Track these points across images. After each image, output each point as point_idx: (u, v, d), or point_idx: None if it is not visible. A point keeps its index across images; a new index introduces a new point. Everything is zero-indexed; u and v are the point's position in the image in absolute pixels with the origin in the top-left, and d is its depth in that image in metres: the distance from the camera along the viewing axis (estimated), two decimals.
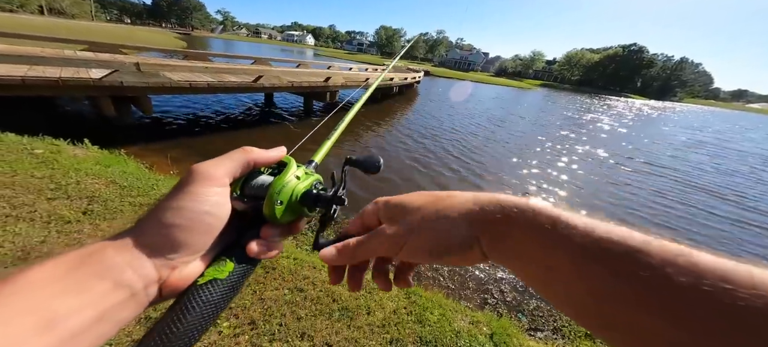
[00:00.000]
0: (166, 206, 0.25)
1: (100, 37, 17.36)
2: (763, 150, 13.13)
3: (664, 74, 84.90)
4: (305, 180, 0.33)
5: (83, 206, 2.16)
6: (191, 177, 0.27)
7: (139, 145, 4.45)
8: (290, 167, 0.33)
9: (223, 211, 0.28)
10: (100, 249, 0.23)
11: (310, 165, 0.40)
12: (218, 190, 0.27)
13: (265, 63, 7.47)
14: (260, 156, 0.32)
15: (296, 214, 0.32)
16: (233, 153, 0.30)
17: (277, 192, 0.30)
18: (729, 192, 6.27)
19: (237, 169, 0.30)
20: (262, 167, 0.33)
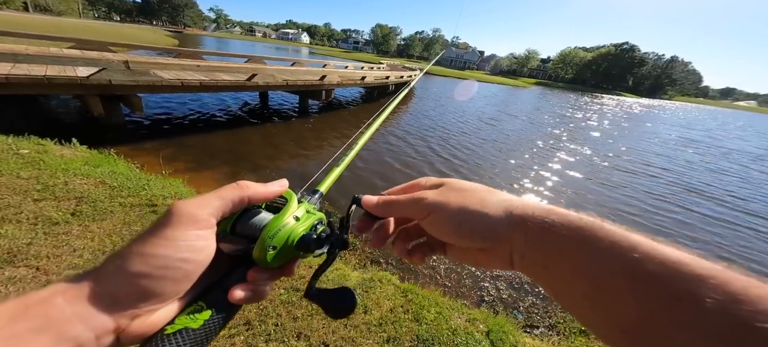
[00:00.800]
0: (134, 250, 0.23)
1: (88, 34, 16.94)
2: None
3: (655, 73, 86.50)
4: (305, 221, 0.30)
5: (71, 207, 2.11)
6: (169, 218, 0.24)
7: (130, 144, 4.36)
8: (289, 207, 0.29)
9: (204, 256, 0.25)
10: (49, 298, 0.20)
11: (315, 196, 0.36)
12: (200, 233, 0.25)
13: (260, 61, 7.38)
14: (257, 192, 0.29)
15: (289, 257, 0.29)
16: (225, 189, 0.28)
17: (270, 236, 0.27)
18: (720, 192, 6.41)
19: (227, 208, 0.27)
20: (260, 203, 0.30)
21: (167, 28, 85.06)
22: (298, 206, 0.30)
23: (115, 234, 1.97)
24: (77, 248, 1.77)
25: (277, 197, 0.31)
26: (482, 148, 7.14)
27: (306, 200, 0.34)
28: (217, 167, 4.16)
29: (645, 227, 4.07)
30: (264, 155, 4.82)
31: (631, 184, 5.74)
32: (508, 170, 5.93)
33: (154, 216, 2.26)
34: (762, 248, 3.93)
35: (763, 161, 10.45)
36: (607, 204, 4.67)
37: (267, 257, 0.27)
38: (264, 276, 0.28)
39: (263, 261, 0.27)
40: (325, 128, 6.94)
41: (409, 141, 6.74)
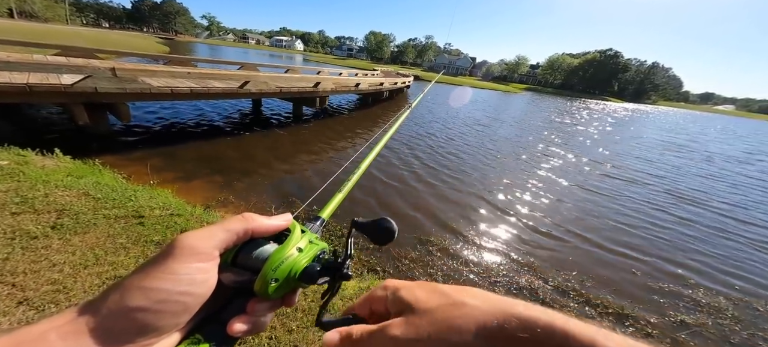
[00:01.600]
0: (133, 285, 0.22)
1: (75, 41, 16.56)
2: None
3: (639, 78, 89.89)
4: (308, 252, 0.30)
5: (52, 220, 2.01)
6: (172, 251, 0.24)
7: (116, 154, 4.23)
8: (292, 238, 0.29)
9: (205, 288, 0.25)
10: (42, 334, 0.20)
11: (317, 224, 0.37)
12: (202, 266, 0.25)
13: (253, 68, 7.32)
14: (262, 226, 0.28)
15: (291, 287, 0.29)
16: (230, 222, 0.27)
17: (273, 269, 0.27)
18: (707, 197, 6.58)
19: (231, 240, 0.27)
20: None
21: (158, 34, 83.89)
22: (301, 236, 0.30)
23: (98, 247, 1.87)
24: (57, 262, 1.68)
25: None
26: (477, 154, 7.20)
27: (308, 229, 0.34)
28: (208, 176, 4.06)
29: (638, 237, 4.02)
30: (257, 164, 4.74)
31: (623, 192, 5.69)
32: (504, 180, 5.98)
33: (141, 228, 2.17)
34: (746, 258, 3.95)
35: (747, 164, 10.83)
36: (600, 215, 4.66)
37: (269, 289, 0.26)
38: (264, 308, 0.28)
39: (265, 293, 0.27)
40: (320, 136, 6.90)
41: (412, 148, 6.75)
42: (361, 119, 9.58)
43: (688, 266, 3.47)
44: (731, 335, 2.53)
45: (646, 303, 2.77)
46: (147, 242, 2.03)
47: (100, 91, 4.21)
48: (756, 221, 5.11)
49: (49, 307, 1.42)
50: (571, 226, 4.04)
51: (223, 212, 3.18)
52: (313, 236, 0.32)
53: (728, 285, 3.20)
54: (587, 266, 3.21)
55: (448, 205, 4.17)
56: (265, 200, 3.60)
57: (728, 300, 2.95)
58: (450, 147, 7.36)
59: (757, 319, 2.75)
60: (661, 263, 3.46)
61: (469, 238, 3.42)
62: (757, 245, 4.20)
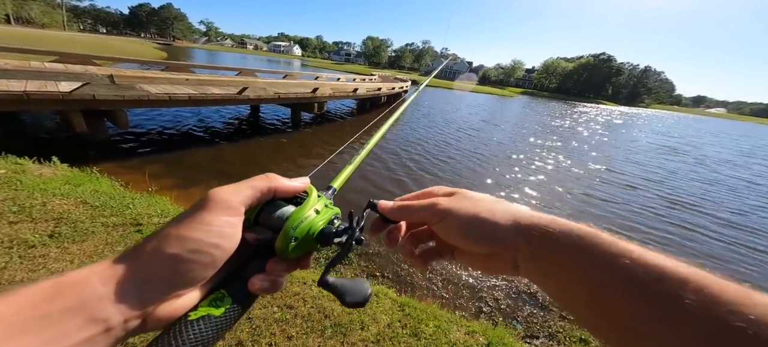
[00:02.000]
0: (171, 233, 0.23)
1: (72, 47, 16.56)
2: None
3: (632, 82, 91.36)
4: (324, 214, 0.31)
5: (49, 228, 2.00)
6: (205, 203, 0.25)
7: (114, 162, 4.21)
8: (310, 199, 0.31)
9: (232, 243, 0.26)
10: (85, 278, 0.21)
11: (329, 192, 0.38)
12: (231, 220, 0.26)
13: (251, 74, 7.36)
14: (283, 185, 0.30)
15: (307, 249, 0.30)
16: (255, 180, 0.29)
17: (293, 227, 0.28)
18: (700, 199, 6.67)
19: (256, 197, 0.28)
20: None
21: (156, 40, 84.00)
22: (317, 200, 0.32)
23: (96, 255, 1.87)
24: (55, 271, 1.68)
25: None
26: (475, 157, 7.26)
27: (323, 195, 0.35)
28: (207, 182, 4.05)
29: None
30: (256, 170, 4.67)
31: (625, 199, 5.61)
32: (499, 187, 6.02)
33: (139, 235, 2.17)
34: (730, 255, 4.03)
35: (743, 167, 10.88)
36: (596, 218, 4.74)
37: (289, 247, 0.28)
38: (282, 267, 0.29)
39: (284, 252, 0.28)
40: (318, 141, 6.93)
41: (410, 150, 6.78)
42: (359, 124, 9.63)
43: None
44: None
45: None
46: None
47: (98, 98, 4.21)
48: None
49: None
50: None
51: None
52: (328, 202, 0.34)
53: None
54: None
55: None
56: None
57: None
58: (446, 152, 7.40)
59: None
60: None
61: None
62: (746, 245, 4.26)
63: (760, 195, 7.12)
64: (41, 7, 67.44)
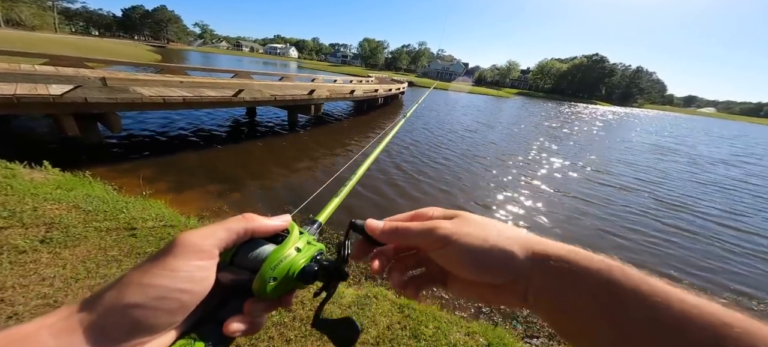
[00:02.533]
0: (132, 281, 0.22)
1: (64, 50, 16.32)
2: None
3: (625, 82, 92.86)
4: (306, 252, 0.30)
5: (41, 233, 1.96)
6: (173, 248, 0.24)
7: (107, 165, 4.15)
8: (291, 238, 0.30)
9: (204, 286, 0.25)
10: (32, 333, 0.19)
11: (314, 227, 0.37)
12: (202, 264, 0.25)
13: (247, 76, 7.32)
14: (262, 226, 0.29)
15: (288, 288, 0.29)
16: (231, 221, 0.28)
17: (272, 267, 0.27)
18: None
19: (232, 240, 0.27)
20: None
21: (150, 43, 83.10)
22: (299, 237, 0.31)
23: (89, 260, 1.83)
24: (46, 276, 1.64)
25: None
26: (476, 157, 7.30)
27: (306, 230, 0.34)
28: (202, 186, 4.01)
29: (632, 251, 3.77)
30: (252, 172, 4.71)
31: (624, 201, 5.54)
32: (493, 191, 6.05)
33: (134, 240, 2.13)
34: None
35: (736, 167, 10.91)
36: (588, 218, 4.71)
37: (267, 288, 0.27)
38: (261, 307, 0.27)
39: (263, 292, 0.27)
40: (315, 143, 6.90)
41: (417, 151, 6.79)
42: (356, 125, 9.62)
43: (678, 269, 3.56)
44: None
45: None
46: (139, 254, 2.00)
47: (90, 101, 4.15)
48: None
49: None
50: (561, 228, 4.11)
51: None
52: (311, 238, 0.32)
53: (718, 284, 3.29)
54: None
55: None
56: (260, 210, 3.56)
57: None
58: (442, 154, 7.43)
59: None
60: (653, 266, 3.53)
61: None
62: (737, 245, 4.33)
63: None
64: (31, 10, 66.35)
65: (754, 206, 6.14)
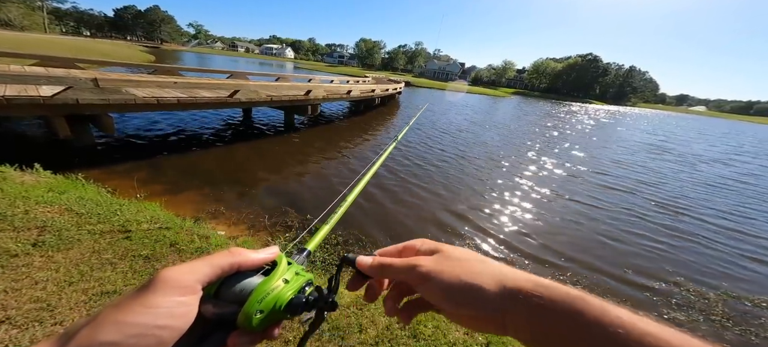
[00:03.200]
0: (107, 319, 0.22)
1: (55, 50, 15.99)
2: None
3: (618, 81, 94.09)
4: (294, 283, 0.29)
5: (33, 237, 1.92)
6: (152, 285, 0.24)
7: (101, 168, 4.09)
8: (279, 269, 0.29)
9: (185, 321, 0.24)
10: None
11: (302, 255, 0.37)
12: (184, 300, 0.24)
13: (242, 77, 7.27)
14: (248, 259, 0.29)
15: (275, 320, 0.28)
16: (217, 256, 0.27)
17: (258, 301, 0.26)
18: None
19: (216, 274, 0.27)
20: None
21: (143, 43, 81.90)
22: (287, 268, 0.30)
23: (83, 264, 1.80)
24: (39, 280, 1.61)
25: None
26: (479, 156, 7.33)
27: (295, 260, 0.34)
28: (197, 188, 3.97)
29: (632, 255, 3.60)
30: (249, 174, 4.67)
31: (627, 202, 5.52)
32: (487, 194, 6.07)
33: (128, 242, 2.11)
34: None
35: (733, 165, 10.98)
36: (585, 220, 4.66)
37: (253, 321, 0.26)
38: (245, 341, 0.27)
39: (248, 325, 0.26)
40: (312, 144, 6.87)
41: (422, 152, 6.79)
42: (353, 126, 9.61)
43: (676, 272, 3.61)
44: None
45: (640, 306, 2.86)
46: (135, 257, 1.97)
47: (81, 102, 4.09)
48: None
49: (33, 326, 1.36)
50: (559, 232, 4.15)
51: (214, 224, 3.11)
52: (299, 268, 0.32)
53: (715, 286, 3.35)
54: (587, 267, 3.28)
55: (435, 218, 4.22)
56: (257, 211, 3.54)
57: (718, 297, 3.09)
58: (437, 156, 7.45)
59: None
60: (652, 271, 3.58)
61: (466, 244, 3.46)
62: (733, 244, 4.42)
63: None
64: (20, 9, 64.98)
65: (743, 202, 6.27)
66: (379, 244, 3.18)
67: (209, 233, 2.56)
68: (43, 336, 1.32)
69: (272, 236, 3.04)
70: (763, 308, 2.93)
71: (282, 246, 2.83)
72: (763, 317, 2.79)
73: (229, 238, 2.78)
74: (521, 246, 3.53)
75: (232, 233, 3.02)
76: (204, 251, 2.21)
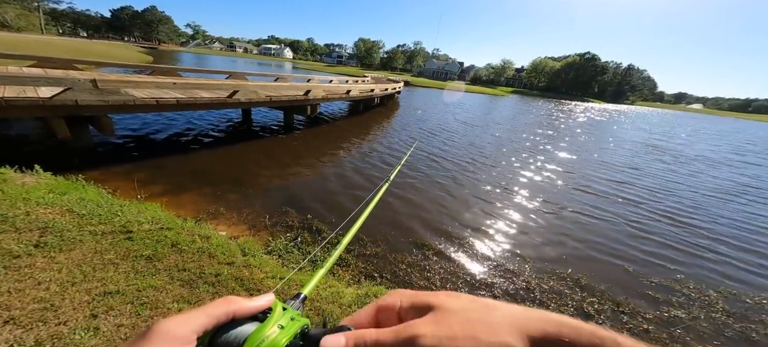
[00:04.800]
0: None
1: (52, 51, 15.92)
2: None
3: (616, 80, 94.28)
4: (290, 329, 0.29)
5: (35, 238, 1.93)
6: (148, 337, 0.24)
7: (100, 169, 4.09)
8: (274, 315, 0.30)
9: None
10: None
11: (298, 300, 0.37)
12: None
13: (241, 77, 7.26)
14: (243, 308, 0.29)
15: None
16: (212, 306, 0.27)
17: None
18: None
19: (212, 324, 0.27)
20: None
21: (141, 44, 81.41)
22: (282, 314, 0.31)
23: (85, 264, 1.81)
24: (42, 281, 1.62)
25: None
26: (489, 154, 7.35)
27: (290, 306, 0.34)
28: (197, 188, 3.98)
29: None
30: (249, 175, 4.68)
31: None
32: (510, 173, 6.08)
33: (130, 243, 2.12)
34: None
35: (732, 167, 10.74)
36: (595, 216, 4.71)
37: None
38: None
39: None
40: (312, 144, 6.88)
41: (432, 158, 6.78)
42: (353, 126, 9.61)
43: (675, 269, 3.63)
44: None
45: (643, 309, 2.87)
46: (137, 257, 1.98)
47: (80, 103, 4.08)
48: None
49: (37, 326, 1.37)
50: (566, 226, 4.18)
51: (215, 224, 3.13)
52: (295, 313, 0.32)
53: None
54: (581, 265, 3.28)
55: (445, 210, 4.24)
56: (257, 211, 3.55)
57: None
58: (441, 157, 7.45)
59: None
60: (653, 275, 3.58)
61: (463, 242, 3.48)
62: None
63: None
64: (16, 10, 64.55)
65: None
66: (373, 248, 3.19)
67: (210, 233, 2.57)
68: (47, 337, 1.33)
69: (273, 236, 3.05)
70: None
71: (283, 245, 2.85)
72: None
73: (231, 238, 2.79)
74: (536, 227, 3.55)
75: (232, 233, 3.03)
76: (205, 251, 2.22)
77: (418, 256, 3.07)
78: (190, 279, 1.88)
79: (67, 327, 1.40)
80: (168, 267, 1.95)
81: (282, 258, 2.64)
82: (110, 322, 1.47)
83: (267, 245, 2.84)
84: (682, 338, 2.46)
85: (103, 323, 1.45)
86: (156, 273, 1.88)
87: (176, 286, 1.80)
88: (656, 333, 2.47)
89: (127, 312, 1.54)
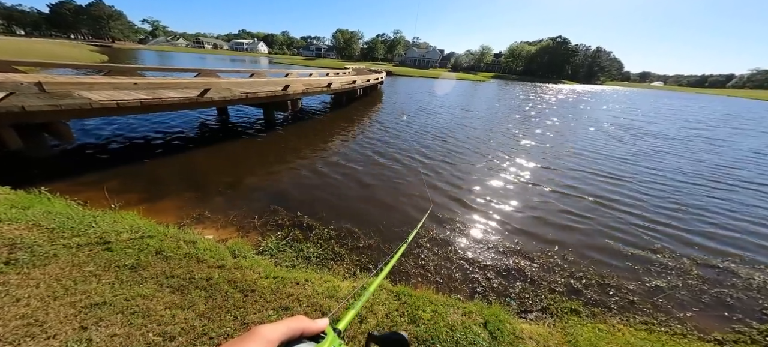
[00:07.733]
0: None
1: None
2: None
3: (587, 62, 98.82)
4: None
5: (4, 256, 1.79)
6: (251, 336, 0.30)
7: (65, 180, 3.77)
8: (328, 339, 0.37)
9: None
10: None
11: (335, 331, 0.43)
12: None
13: (212, 75, 6.84)
14: (309, 327, 0.36)
15: None
16: (290, 321, 0.35)
17: None
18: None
19: (289, 336, 0.33)
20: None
21: (91, 42, 73.48)
22: (334, 338, 0.38)
23: (64, 278, 1.71)
24: (21, 297, 1.53)
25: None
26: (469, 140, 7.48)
27: (336, 337, 0.41)
28: (177, 194, 3.78)
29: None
30: (230, 176, 4.49)
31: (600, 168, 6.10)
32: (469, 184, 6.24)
33: (109, 253, 2.01)
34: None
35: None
36: (576, 192, 4.92)
37: None
38: None
39: None
40: (296, 140, 6.70)
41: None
42: (337, 119, 9.45)
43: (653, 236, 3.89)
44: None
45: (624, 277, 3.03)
46: (120, 267, 1.88)
47: (28, 110, 3.70)
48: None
49: (25, 341, 1.30)
50: (552, 206, 4.42)
51: (201, 229, 3.01)
52: (340, 343, 0.39)
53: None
54: (571, 243, 3.41)
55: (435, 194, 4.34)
56: (245, 212, 3.45)
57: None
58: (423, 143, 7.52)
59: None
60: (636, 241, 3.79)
61: (456, 227, 3.59)
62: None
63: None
64: None
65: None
66: (374, 237, 3.22)
67: (196, 238, 2.48)
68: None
69: (263, 236, 2.99)
70: None
71: (275, 244, 2.81)
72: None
73: (219, 241, 2.71)
74: (523, 210, 3.73)
75: (221, 236, 2.94)
76: (193, 256, 2.14)
77: (412, 244, 3.13)
78: (180, 285, 1.82)
79: (58, 341, 1.33)
80: (155, 275, 1.87)
81: (275, 257, 2.61)
82: (102, 333, 1.41)
83: (258, 246, 2.78)
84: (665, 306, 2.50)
85: (95, 334, 1.39)
86: (142, 281, 1.80)
87: (166, 293, 1.74)
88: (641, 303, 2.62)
89: (118, 322, 1.48)
